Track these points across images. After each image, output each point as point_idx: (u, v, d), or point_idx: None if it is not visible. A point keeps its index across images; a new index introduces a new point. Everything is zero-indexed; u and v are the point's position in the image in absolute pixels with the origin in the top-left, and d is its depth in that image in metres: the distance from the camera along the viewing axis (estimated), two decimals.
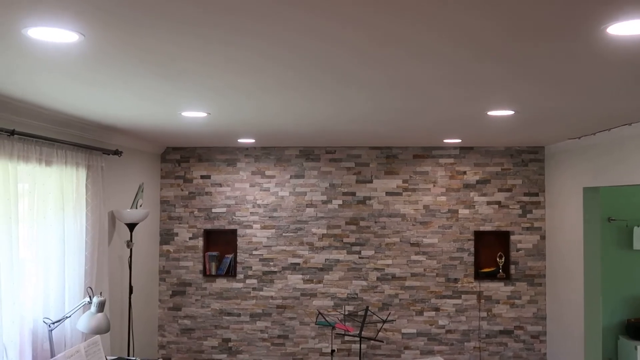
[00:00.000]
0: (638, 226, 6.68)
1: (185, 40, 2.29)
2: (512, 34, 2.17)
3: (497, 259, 6.69)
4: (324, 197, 6.79)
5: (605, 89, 3.21)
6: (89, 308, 4.20)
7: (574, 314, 5.83)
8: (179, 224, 6.87)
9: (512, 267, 6.65)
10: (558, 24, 2.05)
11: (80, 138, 4.74)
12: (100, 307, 4.11)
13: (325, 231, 6.78)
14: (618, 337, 6.73)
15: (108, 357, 4.74)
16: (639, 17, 1.96)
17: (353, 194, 6.78)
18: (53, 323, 4.07)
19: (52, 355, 4.10)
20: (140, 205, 6.04)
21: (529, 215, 6.67)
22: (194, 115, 4.25)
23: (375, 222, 6.75)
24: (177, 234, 6.87)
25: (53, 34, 2.18)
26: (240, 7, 1.88)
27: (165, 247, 6.88)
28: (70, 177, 4.51)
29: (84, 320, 4.09)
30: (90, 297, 4.21)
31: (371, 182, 6.76)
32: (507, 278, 6.64)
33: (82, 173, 4.68)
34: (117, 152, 5.19)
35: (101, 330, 4.05)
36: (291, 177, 6.81)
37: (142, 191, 6.05)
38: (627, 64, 2.64)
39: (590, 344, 5.61)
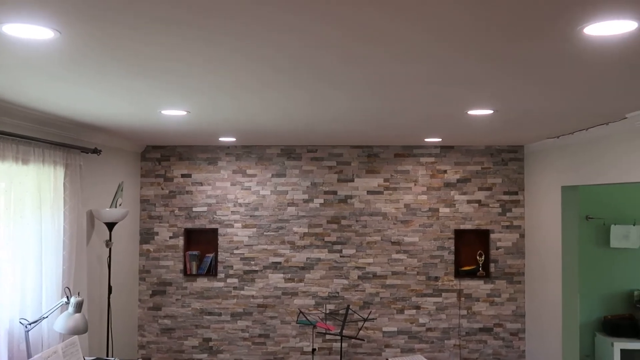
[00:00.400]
0: (615, 224, 6.78)
1: (163, 40, 2.27)
2: (490, 34, 2.19)
3: (477, 257, 6.74)
4: (306, 196, 6.78)
5: (582, 89, 3.25)
6: (67, 308, 4.15)
7: (552, 311, 5.90)
8: (159, 223, 6.82)
9: (492, 265, 6.71)
10: (536, 24, 2.07)
11: (58, 136, 4.68)
12: (78, 307, 4.06)
13: (306, 230, 6.77)
14: (595, 334, 6.83)
15: (86, 358, 4.69)
16: (614, 18, 1.99)
17: (334, 192, 6.78)
18: (30, 324, 4.01)
19: (29, 356, 4.04)
20: (120, 204, 5.98)
21: (508, 214, 6.73)
22: (173, 113, 4.22)
23: (357, 220, 6.76)
24: (157, 233, 6.82)
25: (28, 31, 2.15)
26: (219, 7, 1.87)
27: (145, 247, 6.82)
28: (48, 176, 4.45)
29: (62, 321, 4.04)
30: (67, 297, 4.16)
31: (352, 181, 6.77)
32: (487, 276, 6.70)
33: (60, 172, 4.62)
34: (96, 151, 5.13)
35: (79, 330, 4.00)
36: (272, 175, 6.80)
37: (122, 190, 5.99)
38: (603, 64, 2.67)
39: (567, 340, 5.69)
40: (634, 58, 2.54)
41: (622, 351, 6.55)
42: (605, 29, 2.10)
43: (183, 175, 6.83)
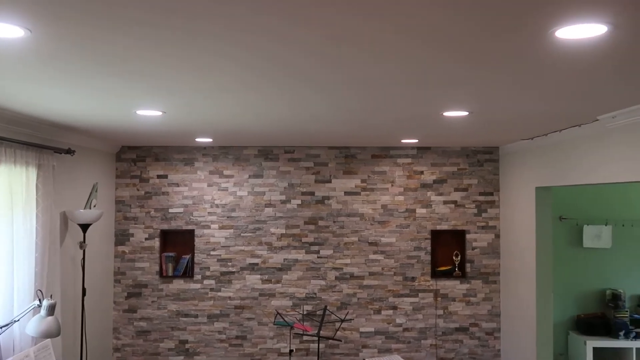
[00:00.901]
0: (588, 225, 6.89)
1: (137, 41, 2.24)
2: (463, 37, 2.21)
3: (453, 258, 6.80)
4: (283, 197, 6.77)
5: (554, 92, 3.30)
6: (39, 311, 4.08)
7: (526, 310, 5.97)
8: (135, 224, 6.75)
9: (468, 265, 6.78)
10: (508, 27, 2.09)
11: (30, 136, 4.60)
12: (51, 310, 3.99)
13: (284, 231, 6.76)
14: (568, 333, 6.93)
15: None
16: (584, 22, 2.02)
17: (312, 193, 6.78)
18: (1, 327, 3.93)
19: None
20: (94, 206, 5.90)
21: (484, 215, 6.80)
22: (148, 114, 4.18)
23: (334, 221, 6.77)
24: (132, 235, 6.74)
25: None
26: (192, 8, 1.85)
27: (120, 248, 6.74)
28: (20, 177, 4.37)
29: (34, 324, 3.97)
30: (40, 299, 4.09)
31: (330, 181, 6.78)
32: (463, 276, 6.76)
33: (33, 172, 4.54)
34: (69, 151, 5.06)
35: (51, 334, 3.94)
36: (250, 176, 6.77)
37: (96, 191, 5.92)
38: (574, 67, 2.71)
39: (541, 339, 5.76)
40: (604, 61, 2.58)
41: (595, 349, 6.66)
42: (576, 32, 2.13)
43: (159, 176, 6.77)
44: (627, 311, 6.64)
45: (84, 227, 5.43)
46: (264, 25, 2.08)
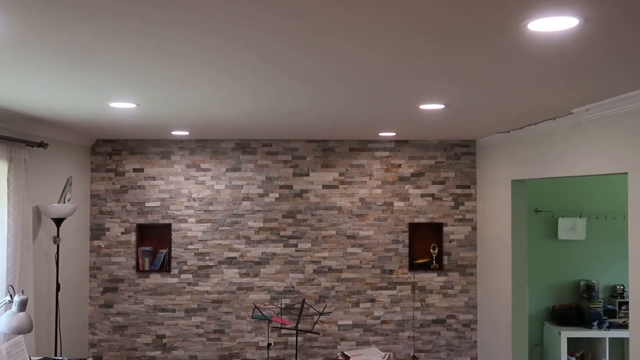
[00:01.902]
0: (562, 217, 6.98)
1: (108, 32, 2.20)
2: (437, 31, 2.20)
3: (431, 250, 6.84)
4: (261, 191, 6.74)
5: (528, 85, 3.32)
6: (10, 307, 4.02)
7: (502, 302, 6.04)
8: (111, 218, 6.67)
9: (445, 257, 6.82)
10: (481, 20, 2.09)
11: (0, 129, 4.51)
12: (22, 306, 3.93)
13: (261, 224, 6.74)
14: (543, 323, 7.02)
15: (33, 358, 4.55)
16: (556, 15, 2.03)
17: (290, 187, 6.76)
18: None
19: None
20: (69, 200, 5.81)
21: (461, 207, 6.85)
22: (122, 106, 4.11)
23: (312, 215, 6.76)
24: (108, 229, 6.66)
25: None
26: None
27: (96, 243, 6.66)
28: None
29: (5, 320, 3.90)
30: (11, 295, 4.02)
31: (308, 175, 6.77)
32: (440, 268, 6.80)
33: (3, 166, 4.46)
34: (42, 144, 4.97)
35: (23, 330, 3.88)
36: (227, 170, 6.73)
37: (71, 185, 5.83)
38: (547, 60, 2.73)
39: (517, 330, 5.83)
40: (576, 54, 2.60)
41: (569, 339, 6.77)
42: (548, 25, 2.14)
43: (135, 170, 6.69)
44: (600, 302, 6.75)
45: (58, 221, 5.34)
46: (242, 14, 2.05)
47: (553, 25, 2.14)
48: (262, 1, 1.89)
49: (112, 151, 6.68)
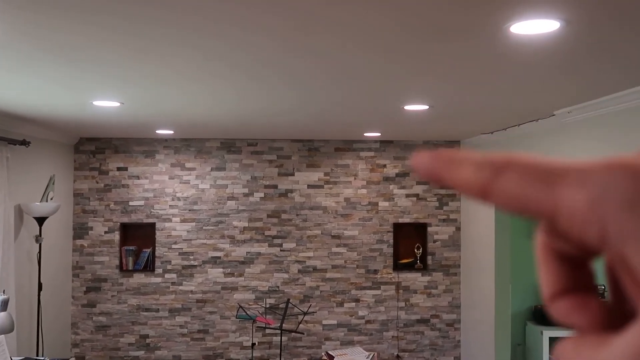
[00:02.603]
0: None
1: (88, 30, 2.19)
2: (421, 32, 2.22)
3: (415, 250, 6.87)
4: (246, 190, 6.73)
5: (511, 86, 3.35)
6: None
7: (485, 301, 6.08)
8: (94, 217, 6.61)
9: (429, 257, 6.86)
10: (465, 22, 2.11)
11: None
12: (4, 305, 3.89)
13: (246, 224, 6.72)
14: (526, 323, 7.08)
15: (14, 358, 4.50)
16: (538, 18, 2.05)
17: (275, 186, 6.75)
18: None
19: None
20: (51, 199, 5.76)
21: (445, 208, 6.88)
22: (105, 104, 4.09)
23: (297, 214, 6.76)
24: (91, 228, 6.61)
25: None
26: None
27: (79, 242, 6.60)
28: None
29: None
30: None
31: (293, 174, 6.76)
32: (425, 268, 6.84)
33: None
34: (24, 143, 4.92)
35: (4, 330, 3.84)
36: (212, 169, 6.71)
37: (53, 183, 5.77)
38: (529, 62, 2.76)
39: (500, 330, 5.88)
40: (558, 57, 2.63)
41: (551, 339, 6.83)
42: (531, 27, 2.16)
43: (119, 169, 6.64)
44: None
45: (40, 220, 5.29)
46: (230, 12, 2.05)
47: (535, 28, 2.16)
48: (249, 1, 1.89)
49: (95, 149, 6.62)
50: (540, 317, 6.86)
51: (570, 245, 0.26)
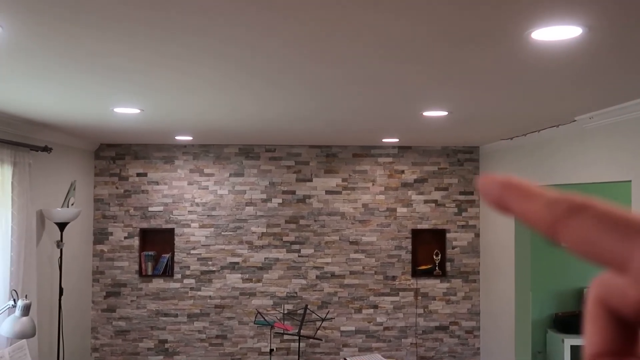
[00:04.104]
0: None
1: (111, 37, 2.21)
2: (441, 39, 2.21)
3: (434, 257, 6.82)
4: (264, 196, 6.74)
5: (532, 92, 3.32)
6: (14, 312, 4.02)
7: (505, 309, 6.02)
8: (114, 223, 6.68)
9: (448, 264, 6.81)
10: (485, 28, 2.10)
11: (5, 134, 4.52)
12: (26, 310, 3.93)
13: (264, 230, 6.74)
14: (547, 331, 6.99)
15: None
16: (559, 24, 2.03)
17: (293, 192, 6.76)
18: None
19: None
20: (72, 204, 5.83)
21: (464, 214, 6.83)
22: (126, 111, 4.13)
23: (315, 220, 6.76)
24: (111, 234, 6.67)
25: None
26: (171, 2, 1.83)
27: (99, 247, 6.66)
28: None
29: (8, 325, 3.91)
30: (14, 300, 4.03)
31: (311, 180, 6.77)
32: (443, 275, 6.79)
33: (8, 170, 4.47)
34: (46, 149, 4.98)
35: (26, 334, 3.88)
36: (230, 175, 6.74)
37: (74, 189, 5.84)
38: (551, 69, 2.73)
39: (520, 337, 5.81)
40: (579, 63, 2.60)
41: (572, 347, 6.73)
42: (552, 34, 2.14)
43: (138, 174, 6.70)
44: None
45: (62, 225, 5.35)
46: (250, 19, 2.06)
47: (556, 34, 2.14)
48: (270, 7, 1.90)
49: (115, 156, 6.69)
50: (561, 324, 6.77)
51: (629, 306, 0.25)
